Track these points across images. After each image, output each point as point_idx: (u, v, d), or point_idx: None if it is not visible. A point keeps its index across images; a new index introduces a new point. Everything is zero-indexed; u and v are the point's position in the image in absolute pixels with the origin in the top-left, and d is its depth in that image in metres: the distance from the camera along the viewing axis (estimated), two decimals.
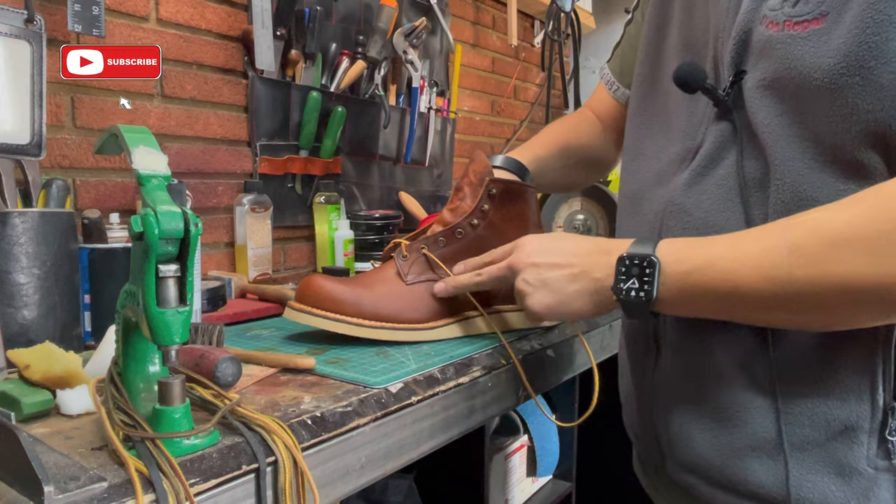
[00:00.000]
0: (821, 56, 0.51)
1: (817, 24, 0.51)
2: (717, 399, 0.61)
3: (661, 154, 0.68)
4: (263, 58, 1.18)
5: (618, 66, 0.90)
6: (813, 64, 0.51)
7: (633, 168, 0.73)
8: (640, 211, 0.70)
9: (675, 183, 0.64)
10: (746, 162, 0.58)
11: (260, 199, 1.20)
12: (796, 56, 0.52)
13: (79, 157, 0.99)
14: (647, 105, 0.73)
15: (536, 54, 2.27)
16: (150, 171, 0.46)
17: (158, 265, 0.43)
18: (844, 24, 0.50)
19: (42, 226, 0.67)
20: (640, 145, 0.73)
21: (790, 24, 0.53)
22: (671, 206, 0.63)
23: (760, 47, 0.56)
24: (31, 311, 0.66)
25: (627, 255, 0.57)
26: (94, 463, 0.43)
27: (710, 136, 0.61)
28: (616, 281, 0.58)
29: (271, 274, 1.22)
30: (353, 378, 0.62)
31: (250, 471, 0.46)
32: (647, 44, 0.74)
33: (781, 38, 0.53)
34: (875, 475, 0.54)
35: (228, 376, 0.56)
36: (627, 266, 0.57)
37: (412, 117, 1.62)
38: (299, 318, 0.72)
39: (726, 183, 0.59)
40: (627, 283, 0.57)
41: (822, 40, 0.51)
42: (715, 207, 0.59)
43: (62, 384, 0.54)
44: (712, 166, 0.61)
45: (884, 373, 0.53)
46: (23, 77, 0.73)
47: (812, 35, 0.52)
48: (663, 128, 0.69)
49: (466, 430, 0.69)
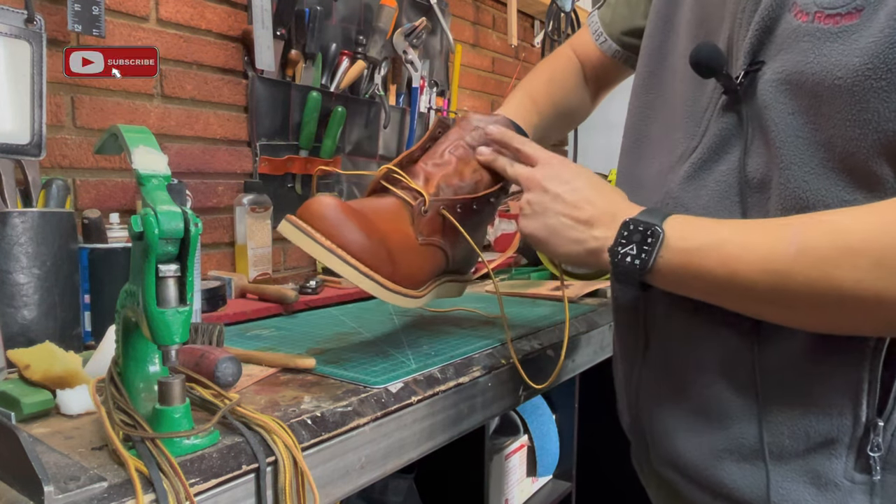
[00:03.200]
0: (848, 55, 0.48)
1: (850, 20, 0.48)
2: (699, 398, 0.60)
3: (664, 140, 0.66)
4: (263, 58, 1.18)
5: (608, 17, 0.87)
6: (838, 62, 0.48)
7: (636, 151, 0.71)
8: (637, 199, 0.67)
9: (676, 174, 0.62)
10: (750, 160, 0.56)
11: (260, 199, 1.20)
12: (823, 52, 0.49)
13: (79, 157, 0.99)
14: (652, 84, 0.70)
15: (536, 54, 2.27)
16: (150, 171, 0.46)
17: (158, 265, 0.43)
18: (878, 22, 0.47)
19: (42, 226, 0.67)
20: (642, 128, 0.71)
21: (821, 15, 0.49)
22: (668, 199, 0.62)
23: (784, 37, 0.52)
24: (31, 311, 0.66)
25: (633, 220, 0.56)
26: (94, 463, 0.43)
27: (715, 126, 0.59)
28: (615, 243, 0.57)
29: (271, 274, 1.22)
30: (353, 378, 0.62)
31: (250, 471, 0.46)
32: (656, 16, 0.70)
33: (810, 30, 0.50)
34: (851, 488, 0.54)
35: (228, 376, 0.56)
36: (630, 231, 0.56)
37: (412, 117, 1.62)
38: (293, 236, 0.64)
39: (726, 180, 0.57)
40: (626, 247, 0.56)
41: (853, 38, 0.48)
42: (712, 204, 0.58)
43: (62, 384, 0.54)
44: (714, 161, 0.59)
45: (869, 388, 0.52)
46: (23, 77, 0.73)
47: (843, 31, 0.48)
48: (667, 110, 0.67)
49: (466, 430, 0.69)
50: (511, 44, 2.03)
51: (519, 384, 0.75)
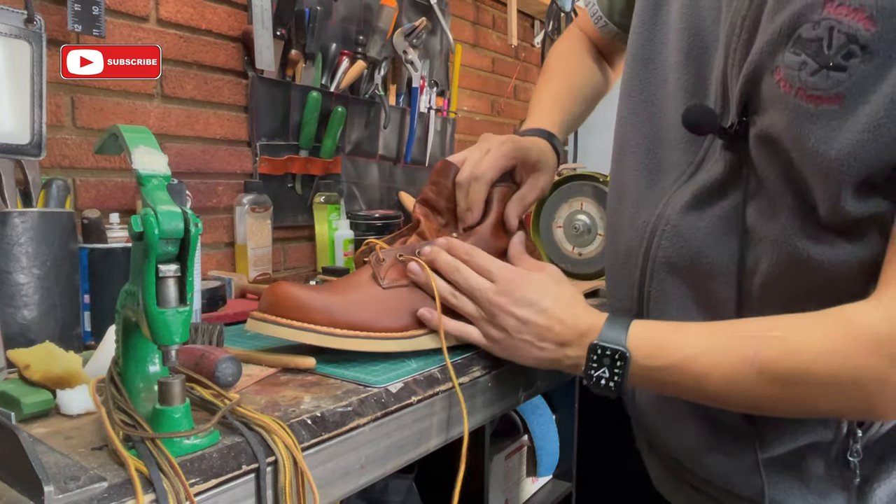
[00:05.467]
0: (826, 140, 0.49)
1: (831, 104, 0.49)
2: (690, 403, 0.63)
3: (653, 150, 0.66)
4: (263, 58, 1.18)
5: (606, 1, 0.88)
6: (815, 148, 0.50)
7: (619, 157, 0.72)
8: (624, 211, 0.69)
9: (673, 199, 0.63)
10: (750, 204, 0.57)
11: (260, 199, 1.20)
12: (802, 127, 0.50)
13: (79, 157, 0.99)
14: (634, 87, 0.70)
15: (536, 54, 2.27)
16: (150, 171, 0.46)
17: (158, 265, 0.43)
18: (858, 120, 0.47)
19: (42, 226, 0.67)
20: (624, 133, 0.71)
21: (803, 93, 0.50)
22: (666, 226, 0.63)
23: (769, 97, 0.53)
24: (31, 311, 0.66)
25: (599, 345, 0.58)
26: (94, 463, 0.43)
27: (716, 162, 0.59)
28: (587, 367, 0.59)
29: (271, 274, 1.22)
30: (353, 378, 0.62)
31: (250, 471, 0.46)
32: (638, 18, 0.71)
33: (791, 104, 0.51)
34: (833, 487, 0.59)
35: (228, 376, 0.56)
36: (599, 355, 0.58)
37: (412, 117, 1.62)
38: (263, 329, 0.65)
39: (726, 217, 0.59)
40: (598, 370, 0.58)
41: (832, 125, 0.49)
42: (710, 241, 0.60)
43: (62, 384, 0.54)
44: (715, 196, 0.59)
45: None
46: (23, 77, 0.73)
47: (823, 114, 0.49)
48: (656, 119, 0.67)
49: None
50: (511, 44, 2.03)
51: (519, 384, 0.75)
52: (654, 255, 0.64)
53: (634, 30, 0.72)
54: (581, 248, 1.09)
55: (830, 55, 0.48)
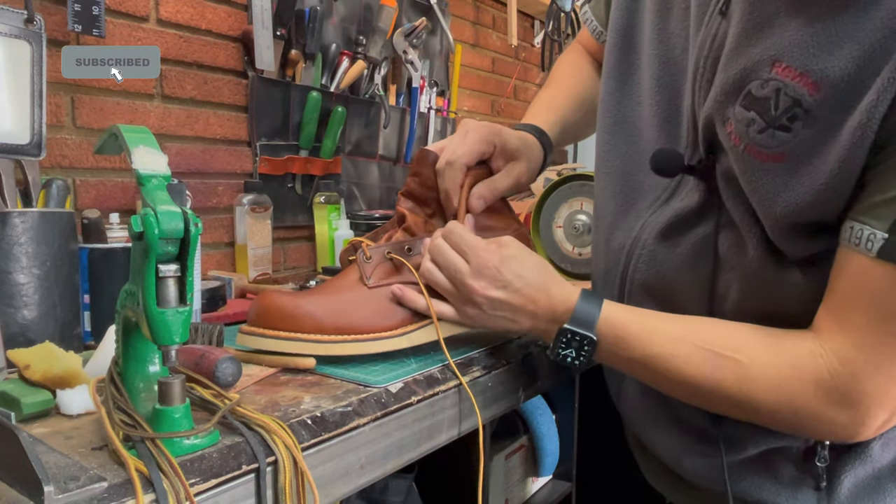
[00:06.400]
0: (773, 196, 0.52)
1: (776, 161, 0.51)
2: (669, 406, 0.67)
3: (629, 171, 0.69)
4: (263, 58, 1.18)
5: (598, 10, 0.88)
6: (763, 198, 0.53)
7: (597, 179, 0.75)
8: (601, 232, 0.73)
9: (649, 224, 0.65)
10: (721, 233, 0.60)
11: (260, 199, 1.20)
12: (752, 178, 0.53)
13: (79, 157, 0.99)
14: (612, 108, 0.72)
15: (536, 54, 2.27)
16: (150, 171, 0.46)
17: (158, 265, 0.43)
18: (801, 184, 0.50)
19: (42, 226, 0.67)
20: (602, 155, 0.73)
21: (752, 148, 0.53)
22: (643, 250, 0.65)
23: (726, 146, 0.56)
24: (31, 311, 0.66)
25: (569, 329, 0.61)
26: (94, 463, 0.43)
27: (692, 189, 0.62)
28: (555, 345, 0.62)
29: (271, 274, 1.22)
30: (353, 378, 0.62)
31: (250, 471, 0.46)
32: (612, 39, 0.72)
33: (740, 156, 0.54)
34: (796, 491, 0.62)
35: (228, 376, 0.56)
36: (568, 339, 0.61)
37: (412, 117, 1.62)
38: (252, 343, 0.65)
39: (701, 246, 0.61)
40: (566, 350, 0.62)
41: (778, 181, 0.52)
42: (684, 268, 0.63)
43: (62, 384, 0.54)
44: (691, 225, 0.62)
45: None
46: (23, 77, 0.73)
47: (770, 170, 0.52)
48: (629, 140, 0.70)
49: (466, 430, 0.68)
50: (511, 44, 2.03)
51: (519, 384, 0.75)
52: (632, 277, 0.67)
53: (609, 48, 0.73)
54: (581, 248, 1.09)
55: (777, 115, 0.50)
